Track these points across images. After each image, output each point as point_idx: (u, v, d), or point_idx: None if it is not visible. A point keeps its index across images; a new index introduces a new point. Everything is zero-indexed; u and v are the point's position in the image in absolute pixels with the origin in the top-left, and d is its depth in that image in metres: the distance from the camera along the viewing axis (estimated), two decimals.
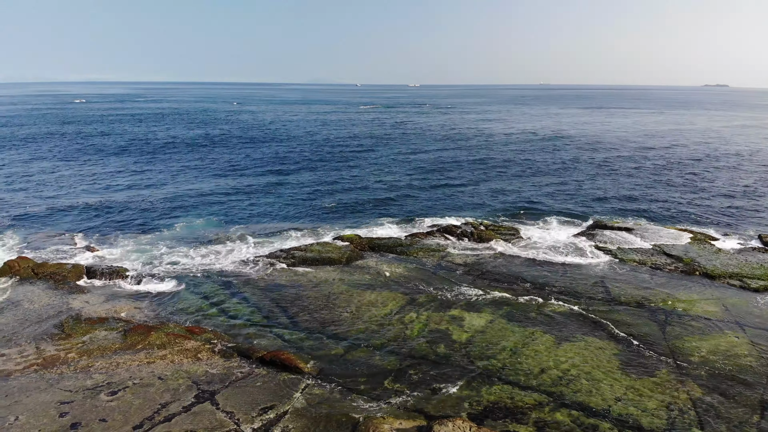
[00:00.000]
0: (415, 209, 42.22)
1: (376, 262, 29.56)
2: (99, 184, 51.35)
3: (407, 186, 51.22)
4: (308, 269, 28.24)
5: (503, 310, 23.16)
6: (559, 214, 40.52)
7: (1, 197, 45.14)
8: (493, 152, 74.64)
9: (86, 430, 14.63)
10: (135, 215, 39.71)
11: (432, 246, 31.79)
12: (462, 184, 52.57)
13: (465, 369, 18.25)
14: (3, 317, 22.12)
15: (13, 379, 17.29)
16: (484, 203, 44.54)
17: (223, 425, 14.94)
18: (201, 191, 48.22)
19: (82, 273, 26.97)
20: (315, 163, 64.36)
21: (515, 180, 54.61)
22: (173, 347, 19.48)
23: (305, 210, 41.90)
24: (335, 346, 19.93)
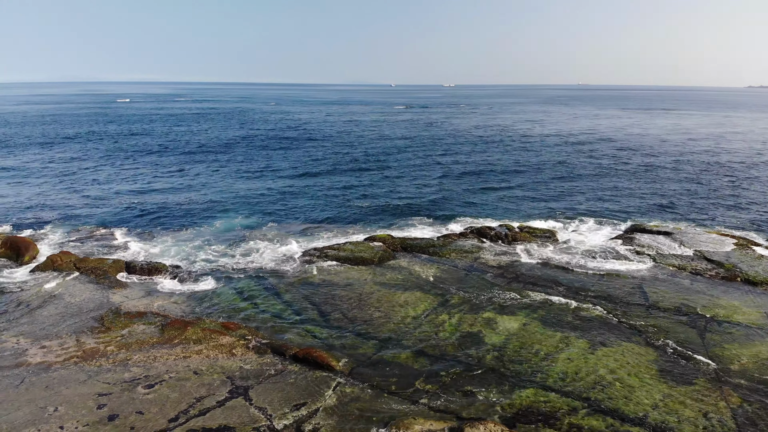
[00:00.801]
0: (448, 210, 42.04)
1: (409, 262, 29.55)
2: (140, 181, 52.73)
3: (440, 187, 51.05)
4: (341, 268, 28.43)
5: (537, 313, 22.87)
6: (596, 216, 39.79)
7: (45, 193, 46.79)
8: (528, 153, 73.76)
9: (123, 422, 15.04)
10: (174, 212, 40.64)
11: (465, 247, 31.61)
12: (496, 185, 52.12)
13: (497, 372, 18.09)
14: (45, 310, 22.92)
15: (53, 371, 17.89)
16: (518, 205, 44.08)
17: (256, 421, 15.17)
18: (238, 190, 49.04)
19: (122, 268, 27.74)
20: (349, 163, 64.71)
21: (551, 182, 53.84)
22: (209, 342, 19.87)
23: (339, 209, 42.18)
24: (367, 346, 20.01)
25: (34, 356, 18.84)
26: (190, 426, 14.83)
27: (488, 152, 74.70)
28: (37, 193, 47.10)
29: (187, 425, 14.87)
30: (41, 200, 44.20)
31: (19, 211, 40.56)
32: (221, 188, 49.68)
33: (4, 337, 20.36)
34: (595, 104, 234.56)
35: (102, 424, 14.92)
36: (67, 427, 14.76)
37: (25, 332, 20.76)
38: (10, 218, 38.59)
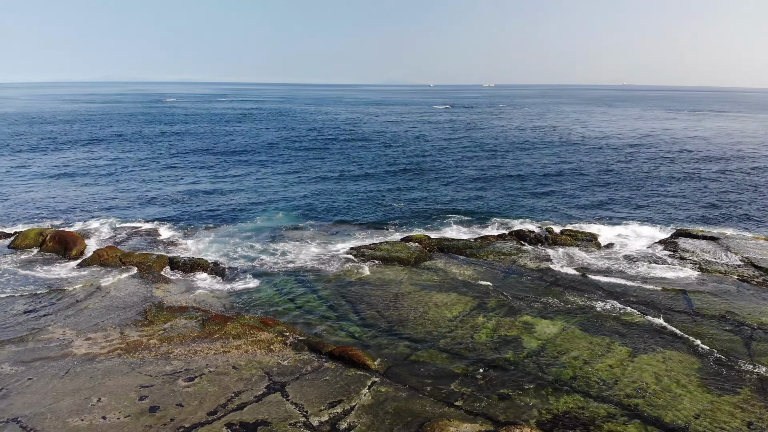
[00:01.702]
0: (485, 211, 41.67)
1: (445, 263, 29.41)
2: (184, 179, 54.04)
3: (478, 188, 50.63)
4: (377, 268, 28.50)
5: (577, 318, 22.45)
6: (640, 220, 38.79)
7: (94, 190, 48.42)
8: (569, 155, 72.45)
9: (164, 414, 15.42)
10: (216, 210, 41.49)
11: (504, 249, 31.26)
12: (536, 187, 51.38)
13: (535, 376, 17.84)
14: (91, 303, 23.70)
15: (97, 362, 18.48)
16: (559, 207, 43.34)
17: (292, 417, 15.35)
18: (278, 188, 49.73)
19: (166, 263, 28.47)
20: (387, 164, 64.81)
21: (592, 184, 52.75)
22: (248, 338, 20.22)
23: (376, 209, 42.30)
24: (402, 346, 20.00)
25: (79, 347, 19.51)
26: (229, 420, 15.11)
27: (528, 153, 73.72)
28: (86, 189, 48.78)
29: (225, 419, 15.16)
30: (89, 197, 45.76)
31: (68, 207, 42.11)
32: (262, 187, 50.47)
33: (51, 328, 21.15)
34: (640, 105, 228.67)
35: (143, 415, 15.34)
36: (109, 417, 15.24)
37: (71, 324, 21.52)
38: (60, 214, 40.10)
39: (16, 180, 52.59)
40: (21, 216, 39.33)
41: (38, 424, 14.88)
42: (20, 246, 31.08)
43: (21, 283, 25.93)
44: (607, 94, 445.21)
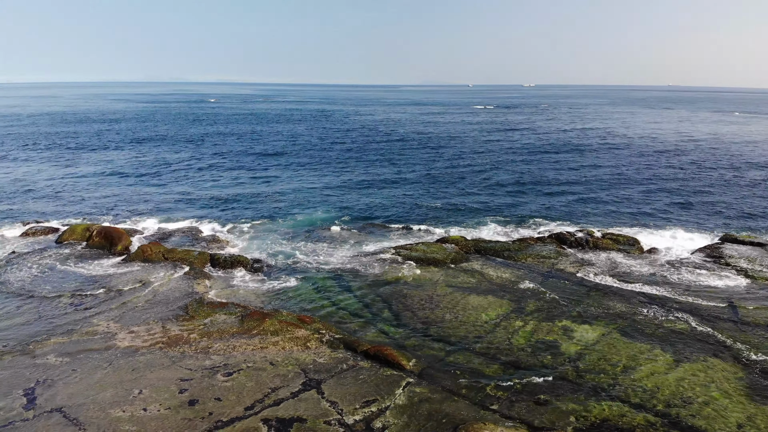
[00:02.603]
0: (525, 213, 41.12)
1: (482, 265, 29.15)
2: (226, 178, 55.12)
3: (517, 189, 50.01)
4: (413, 268, 28.44)
5: (617, 324, 21.95)
6: (683, 225, 37.65)
7: (139, 188, 49.85)
8: (612, 157, 70.83)
9: (202, 408, 15.75)
10: (256, 208, 42.17)
11: (543, 252, 30.79)
12: (576, 189, 50.42)
13: (573, 382, 17.51)
14: (135, 297, 24.39)
15: (140, 355, 19.00)
16: (600, 210, 42.43)
17: (327, 414, 15.47)
18: (316, 188, 50.20)
19: (207, 260, 29.07)
20: (424, 163, 64.65)
21: (635, 187, 51.44)
22: (285, 335, 20.47)
23: (412, 209, 42.24)
24: (437, 347, 19.92)
25: (122, 340, 20.10)
26: (265, 415, 15.33)
27: (568, 155, 72.42)
28: (132, 187, 50.25)
29: (261, 414, 15.38)
30: (135, 194, 47.14)
31: (114, 204, 43.46)
32: (300, 187, 51.04)
33: (95, 321, 21.85)
34: (686, 107, 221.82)
35: (183, 408, 15.70)
36: (150, 409, 15.64)
37: (114, 317, 22.19)
38: (106, 210, 41.43)
39: (65, 177, 54.59)
40: (69, 212, 40.80)
41: (81, 414, 15.38)
42: (68, 241, 32.22)
43: (67, 277, 26.89)
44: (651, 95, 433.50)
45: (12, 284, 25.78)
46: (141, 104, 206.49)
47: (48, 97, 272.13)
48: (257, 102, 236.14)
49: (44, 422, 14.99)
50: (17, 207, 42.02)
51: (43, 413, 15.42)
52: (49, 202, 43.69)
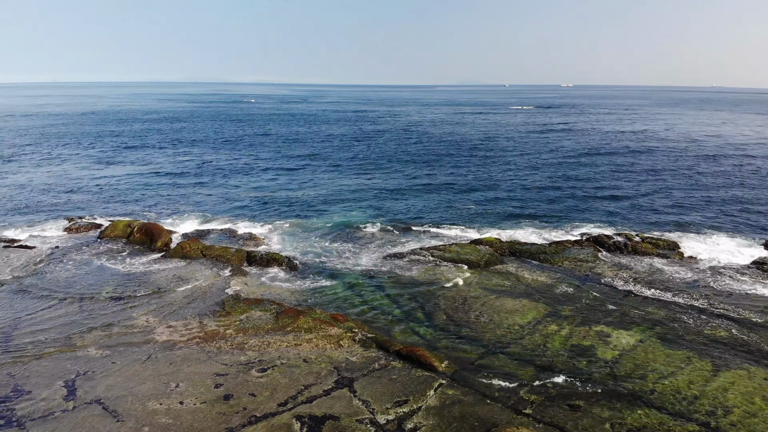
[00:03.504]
0: (562, 215, 40.49)
1: (517, 268, 28.81)
2: (262, 177, 55.93)
3: (554, 191, 49.27)
4: (446, 269, 28.31)
5: (656, 330, 21.40)
6: (726, 230, 36.43)
7: (179, 186, 50.99)
8: (652, 159, 69.09)
9: (237, 403, 16.00)
10: (293, 207, 42.66)
11: (579, 256, 30.25)
12: (615, 191, 49.36)
13: (608, 388, 17.16)
14: (173, 292, 24.95)
15: (177, 349, 19.41)
16: (639, 214, 41.44)
17: (359, 413, 15.52)
18: (350, 188, 50.47)
19: (244, 257, 29.53)
20: (459, 164, 64.30)
21: (675, 190, 50.07)
22: (318, 332, 20.64)
23: (446, 210, 42.05)
24: (470, 350, 19.78)
25: (161, 335, 20.58)
26: (298, 412, 15.48)
27: (607, 156, 70.96)
28: (172, 185, 51.42)
29: (294, 411, 15.54)
30: (175, 192, 48.23)
31: (155, 201, 44.56)
32: (335, 187, 51.40)
33: (135, 315, 22.42)
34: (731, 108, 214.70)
35: (218, 402, 15.98)
36: (186, 402, 15.97)
37: (153, 312, 22.74)
38: (147, 207, 42.51)
39: (108, 174, 56.24)
40: (111, 208, 42.01)
41: (119, 406, 15.79)
42: (110, 236, 33.16)
43: (108, 272, 27.69)
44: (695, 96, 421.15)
45: (55, 278, 26.69)
46: (182, 104, 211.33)
47: (93, 97, 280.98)
48: (294, 102, 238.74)
49: (84, 413, 15.45)
50: (61, 202, 43.49)
51: (83, 404, 15.89)
52: (92, 199, 45.06)
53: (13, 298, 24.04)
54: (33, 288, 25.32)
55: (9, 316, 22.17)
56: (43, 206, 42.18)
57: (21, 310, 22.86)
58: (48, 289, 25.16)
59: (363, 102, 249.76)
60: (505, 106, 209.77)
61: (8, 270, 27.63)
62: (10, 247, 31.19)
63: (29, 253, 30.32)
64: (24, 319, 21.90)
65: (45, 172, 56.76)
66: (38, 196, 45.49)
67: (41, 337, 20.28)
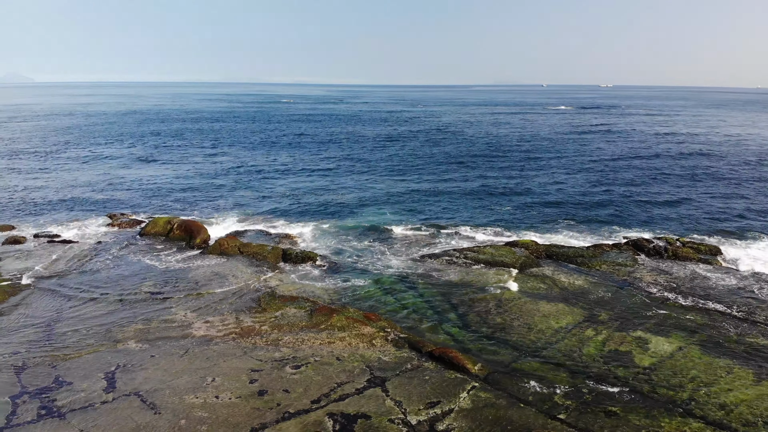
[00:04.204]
0: (600, 219, 39.71)
1: (553, 271, 28.39)
2: (298, 176, 56.57)
3: (592, 193, 48.38)
4: (480, 271, 28.10)
5: (696, 337, 20.82)
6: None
7: (217, 184, 51.94)
8: (695, 161, 67.16)
9: (271, 398, 16.21)
10: (326, 207, 43.00)
11: (618, 260, 29.64)
12: (655, 195, 48.17)
13: (645, 396, 16.77)
14: (211, 289, 25.43)
15: (214, 344, 19.79)
16: (680, 218, 40.35)
17: (391, 413, 15.55)
18: (384, 188, 50.58)
19: (279, 255, 29.93)
20: (494, 165, 63.72)
21: (717, 193, 48.55)
22: (351, 331, 20.76)
23: (481, 211, 41.73)
24: (504, 352, 19.59)
25: (198, 329, 21.01)
26: (330, 410, 15.60)
27: (646, 160, 69.26)
28: (210, 183, 52.44)
29: (327, 408, 15.66)
30: (214, 190, 49.17)
31: (195, 199, 45.52)
32: (368, 188, 51.59)
33: (174, 310, 22.94)
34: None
35: (252, 397, 16.23)
36: (222, 397, 16.27)
37: (192, 307, 23.23)
38: (187, 205, 43.43)
39: (148, 172, 57.68)
40: (151, 205, 43.10)
41: (157, 398, 16.19)
42: (150, 233, 34.00)
43: (148, 268, 28.41)
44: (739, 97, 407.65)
45: (97, 273, 27.52)
46: (220, 104, 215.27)
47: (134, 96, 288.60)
48: (330, 103, 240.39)
49: (123, 405, 15.88)
50: (103, 199, 44.81)
51: (122, 396, 16.34)
52: (133, 196, 46.30)
53: (56, 292, 24.89)
54: (75, 282, 26.18)
55: (52, 309, 22.97)
56: (86, 202, 43.54)
57: (63, 303, 23.66)
58: (90, 284, 25.96)
59: (398, 102, 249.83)
60: (543, 107, 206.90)
61: (52, 264, 28.62)
62: (55, 242, 32.31)
63: (73, 248, 31.34)
64: (66, 312, 22.66)
65: (87, 170, 58.60)
66: (81, 193, 46.97)
67: (83, 330, 20.94)
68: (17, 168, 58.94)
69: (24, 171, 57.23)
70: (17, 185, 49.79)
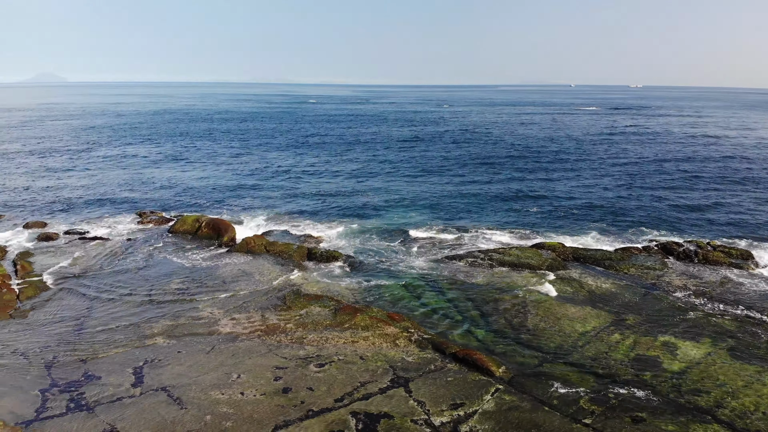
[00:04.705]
0: (629, 221, 39.06)
1: (580, 274, 28.03)
2: (323, 176, 56.92)
3: (621, 196, 47.60)
4: (506, 272, 27.90)
5: (726, 342, 20.35)
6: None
7: (245, 183, 52.54)
8: (728, 164, 65.55)
9: (295, 396, 16.35)
10: (352, 206, 43.17)
11: (646, 263, 29.13)
12: (686, 197, 47.19)
13: (673, 402, 16.45)
14: (238, 286, 25.75)
15: (240, 341, 20.04)
16: (711, 221, 39.47)
17: (415, 413, 15.55)
18: (410, 188, 50.56)
19: (305, 254, 30.18)
20: (520, 166, 63.16)
21: (748, 198, 47.28)
22: (375, 330, 20.82)
23: (507, 212, 41.42)
24: (529, 355, 19.43)
25: (224, 326, 21.30)
26: (354, 408, 15.67)
27: (676, 161, 67.88)
28: (238, 182, 53.08)
29: (350, 407, 15.73)
30: (241, 188, 49.77)
31: (223, 197, 46.12)
32: (394, 187, 51.62)
33: (201, 307, 23.30)
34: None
35: (276, 395, 16.39)
36: (246, 393, 16.46)
37: (218, 304, 23.55)
38: (215, 203, 44.03)
39: (178, 170, 58.62)
40: (180, 203, 43.81)
41: (184, 394, 16.46)
42: (179, 231, 34.56)
43: (177, 265, 28.89)
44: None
45: (127, 270, 28.09)
46: (249, 104, 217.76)
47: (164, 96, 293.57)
48: (356, 103, 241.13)
49: (150, 400, 16.18)
50: (133, 197, 45.69)
51: (150, 391, 16.65)
52: (163, 194, 47.11)
53: (86, 288, 25.49)
54: (105, 279, 26.77)
55: (82, 305, 23.53)
56: (116, 200, 44.45)
57: (93, 299, 24.21)
58: (119, 281, 26.52)
59: (424, 102, 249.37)
60: (571, 107, 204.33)
61: (83, 261, 29.30)
62: (85, 239, 33.06)
63: (104, 245, 32.04)
64: (96, 308, 23.18)
65: (118, 168, 59.83)
66: (111, 191, 47.98)
67: (112, 326, 21.40)
68: (49, 166, 60.51)
69: (56, 169, 58.71)
70: (49, 182, 51.10)
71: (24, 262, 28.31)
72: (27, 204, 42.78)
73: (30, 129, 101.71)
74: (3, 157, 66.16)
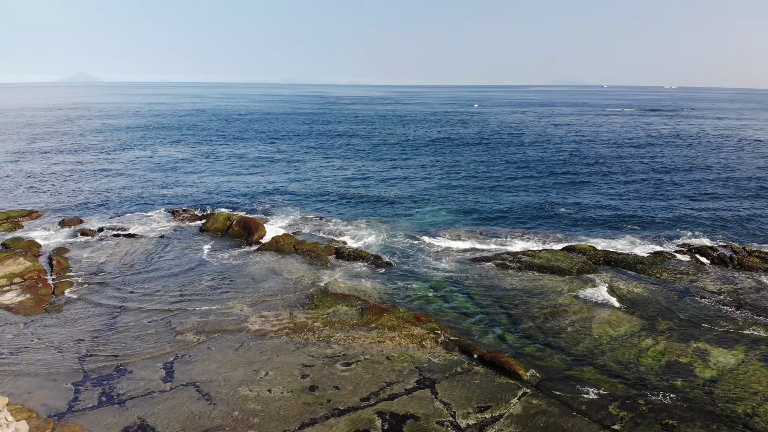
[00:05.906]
0: (663, 225, 38.25)
1: (612, 278, 27.58)
2: (352, 176, 57.13)
3: (654, 199, 46.65)
4: (535, 275, 27.61)
5: (760, 349, 19.80)
6: None
7: (274, 182, 53.09)
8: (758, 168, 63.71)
9: (322, 394, 16.48)
10: (379, 206, 43.24)
11: (679, 267, 28.51)
12: (721, 202, 45.99)
13: (705, 410, 16.08)
14: (266, 284, 26.04)
15: (268, 339, 20.27)
16: (743, 226, 38.36)
17: (440, 415, 15.52)
18: (437, 189, 50.39)
19: (332, 252, 30.38)
20: (551, 167, 62.36)
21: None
22: (401, 331, 20.84)
23: (537, 214, 40.94)
24: (557, 359, 19.20)
25: (253, 324, 21.58)
26: (379, 408, 15.72)
27: (711, 165, 66.22)
28: (268, 181, 53.67)
29: (376, 407, 15.79)
30: (271, 187, 50.30)
31: (253, 196, 46.66)
32: (422, 188, 51.52)
33: (231, 304, 23.63)
34: None
35: (303, 392, 16.54)
36: (274, 391, 16.66)
37: (248, 302, 23.86)
38: (245, 202, 44.59)
39: (209, 169, 59.54)
40: (212, 201, 44.47)
41: (212, 390, 16.74)
42: (210, 228, 35.11)
43: (208, 262, 29.35)
44: None
45: (159, 267, 28.65)
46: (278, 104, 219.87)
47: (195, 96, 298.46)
48: (386, 104, 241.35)
49: (180, 394, 16.51)
50: (167, 194, 46.57)
51: (180, 386, 16.99)
52: (194, 192, 47.91)
53: (120, 284, 26.08)
54: (138, 275, 27.36)
55: (115, 300, 24.11)
56: (149, 197, 45.38)
57: (126, 294, 24.78)
58: (152, 277, 27.07)
59: (455, 103, 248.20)
60: (603, 108, 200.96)
61: (117, 258, 29.98)
62: (120, 236, 33.83)
63: (137, 242, 32.75)
64: (129, 304, 23.72)
65: (151, 166, 61.05)
66: (145, 188, 49.00)
67: (144, 321, 21.87)
68: (85, 164, 62.09)
69: (91, 167, 60.23)
70: (85, 180, 52.44)
71: (59, 258, 29.11)
72: (64, 201, 43.98)
73: (68, 126, 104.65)
74: (42, 155, 68.17)
